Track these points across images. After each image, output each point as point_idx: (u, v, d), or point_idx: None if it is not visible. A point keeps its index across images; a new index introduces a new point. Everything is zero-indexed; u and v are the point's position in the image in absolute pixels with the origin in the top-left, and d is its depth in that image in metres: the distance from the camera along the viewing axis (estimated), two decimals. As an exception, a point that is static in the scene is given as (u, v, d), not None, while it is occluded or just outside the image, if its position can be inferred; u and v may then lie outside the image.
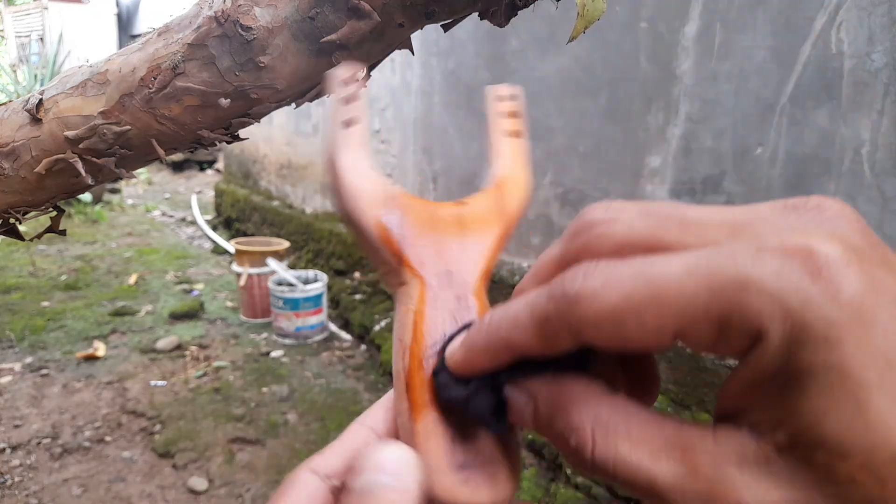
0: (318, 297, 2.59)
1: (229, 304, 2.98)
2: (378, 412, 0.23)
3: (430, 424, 0.20)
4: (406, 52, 0.39)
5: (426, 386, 0.20)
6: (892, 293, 0.14)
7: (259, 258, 2.80)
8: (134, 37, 7.94)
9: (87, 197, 4.61)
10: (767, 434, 0.15)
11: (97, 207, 4.79)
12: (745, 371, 0.15)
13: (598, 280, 0.16)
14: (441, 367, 0.20)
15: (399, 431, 0.21)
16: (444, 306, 0.22)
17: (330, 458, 0.21)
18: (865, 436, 0.13)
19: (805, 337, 0.14)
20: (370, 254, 0.23)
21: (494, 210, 0.25)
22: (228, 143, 0.40)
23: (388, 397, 0.23)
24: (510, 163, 0.26)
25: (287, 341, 2.56)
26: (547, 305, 0.17)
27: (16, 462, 1.73)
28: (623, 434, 0.16)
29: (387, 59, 0.40)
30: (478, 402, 0.19)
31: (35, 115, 0.38)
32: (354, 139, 0.24)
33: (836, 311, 0.13)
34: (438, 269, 0.22)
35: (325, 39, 0.34)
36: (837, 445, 0.14)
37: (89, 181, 0.39)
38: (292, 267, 3.08)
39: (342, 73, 0.24)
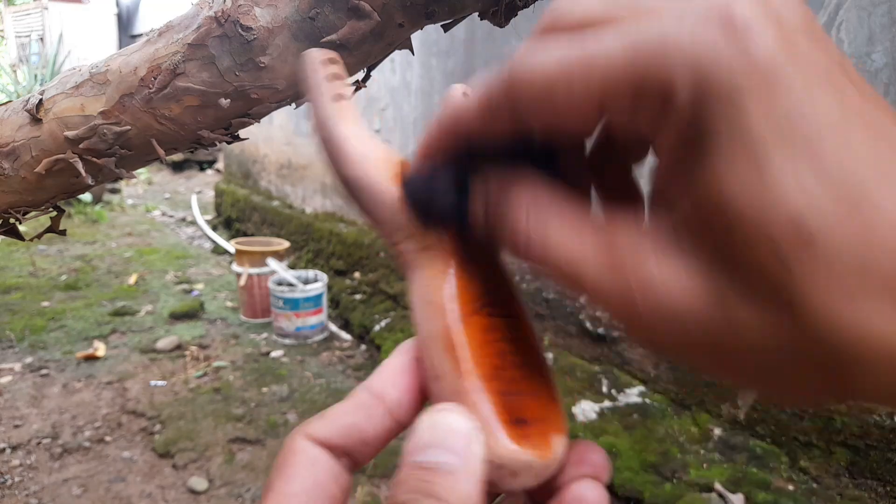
0: (318, 297, 2.59)
1: (229, 304, 2.98)
2: (386, 376, 0.21)
3: (479, 381, 0.19)
4: (406, 52, 0.39)
5: (469, 343, 0.20)
6: (808, 60, 0.13)
7: (259, 258, 2.80)
8: (134, 37, 7.94)
9: (87, 197, 4.61)
10: (675, 207, 0.15)
11: (97, 207, 4.79)
12: (661, 139, 0.15)
13: (539, 54, 0.16)
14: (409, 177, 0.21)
15: (436, 396, 0.20)
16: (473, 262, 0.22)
17: (329, 425, 0.20)
18: (762, 197, 0.13)
19: (711, 95, 0.13)
20: (382, 221, 0.22)
21: None
22: (228, 143, 0.40)
23: (398, 362, 0.21)
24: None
25: (287, 341, 2.56)
26: (492, 81, 0.17)
27: (16, 462, 1.73)
28: (555, 213, 0.17)
29: (387, 59, 0.40)
30: (441, 187, 0.20)
31: (35, 115, 0.38)
32: (349, 111, 0.23)
33: (743, 70, 0.13)
34: None
35: (325, 39, 0.34)
36: (734, 208, 0.13)
37: (89, 181, 0.39)
38: (292, 267, 3.08)
39: (320, 54, 0.24)
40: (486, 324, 0.21)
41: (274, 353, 2.45)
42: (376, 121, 2.83)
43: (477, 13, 0.36)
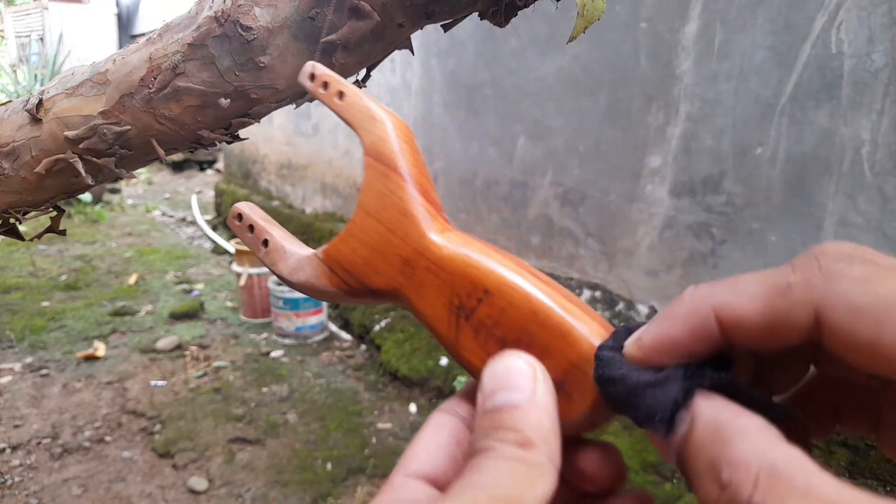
0: (318, 297, 2.58)
1: (229, 304, 2.98)
2: (460, 405, 0.22)
3: None
4: (406, 52, 0.39)
5: None
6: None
7: (259, 258, 2.79)
8: (134, 37, 7.93)
9: (87, 197, 4.61)
10: None
11: (97, 207, 4.79)
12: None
13: (866, 268, 0.15)
14: (609, 346, 0.19)
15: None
16: None
17: (423, 457, 0.20)
18: None
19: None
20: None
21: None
22: (228, 143, 0.40)
23: (465, 391, 0.22)
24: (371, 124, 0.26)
25: (287, 341, 2.56)
26: (791, 275, 0.16)
27: (16, 462, 1.73)
28: (800, 489, 0.14)
29: (387, 59, 0.40)
30: (661, 393, 0.17)
31: (35, 115, 0.37)
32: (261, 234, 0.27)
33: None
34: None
35: (325, 39, 0.34)
36: None
37: (89, 181, 0.39)
38: (292, 267, 3.08)
39: (243, 207, 0.28)
40: None
41: (274, 353, 2.45)
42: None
43: (477, 13, 0.36)
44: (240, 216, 0.27)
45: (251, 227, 0.27)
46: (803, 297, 0.15)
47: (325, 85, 0.25)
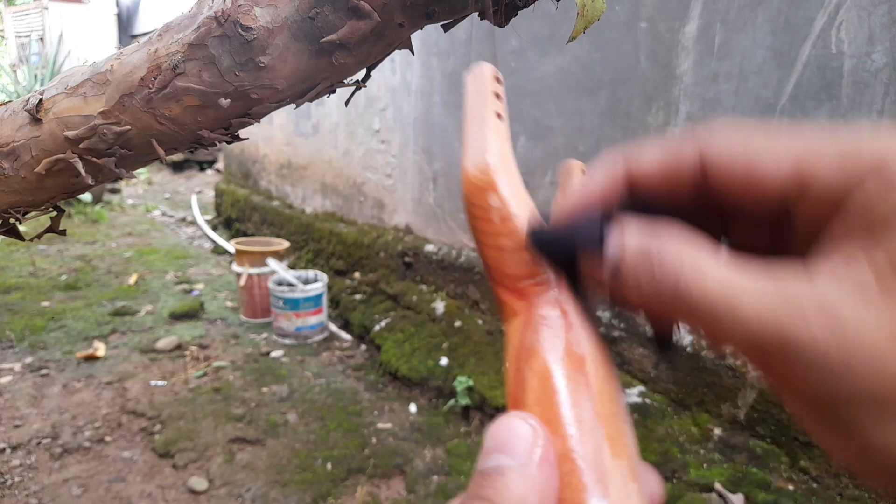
0: (318, 297, 2.59)
1: (229, 304, 2.98)
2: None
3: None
4: (406, 52, 0.39)
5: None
6: None
7: (259, 258, 2.80)
8: (134, 37, 7.94)
9: (87, 197, 4.61)
10: (865, 261, 0.15)
11: (97, 207, 4.79)
12: (856, 201, 0.16)
13: (738, 125, 0.18)
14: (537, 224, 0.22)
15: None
16: None
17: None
18: None
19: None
20: (507, 251, 0.22)
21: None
22: (228, 143, 0.40)
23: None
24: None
25: (287, 341, 2.56)
26: (682, 134, 0.19)
27: (16, 462, 1.73)
28: (712, 251, 0.17)
29: (387, 59, 0.40)
30: (585, 230, 0.20)
31: (35, 115, 0.38)
32: (504, 131, 0.24)
33: None
34: None
35: (325, 39, 0.34)
36: None
37: (89, 181, 0.39)
38: (292, 267, 3.08)
39: (492, 70, 0.25)
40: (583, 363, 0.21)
41: (274, 353, 2.45)
42: (376, 121, 2.83)
43: (477, 13, 0.36)
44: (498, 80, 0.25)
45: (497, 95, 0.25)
46: (691, 148, 0.19)
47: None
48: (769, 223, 0.21)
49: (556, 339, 0.20)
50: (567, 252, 0.21)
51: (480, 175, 0.22)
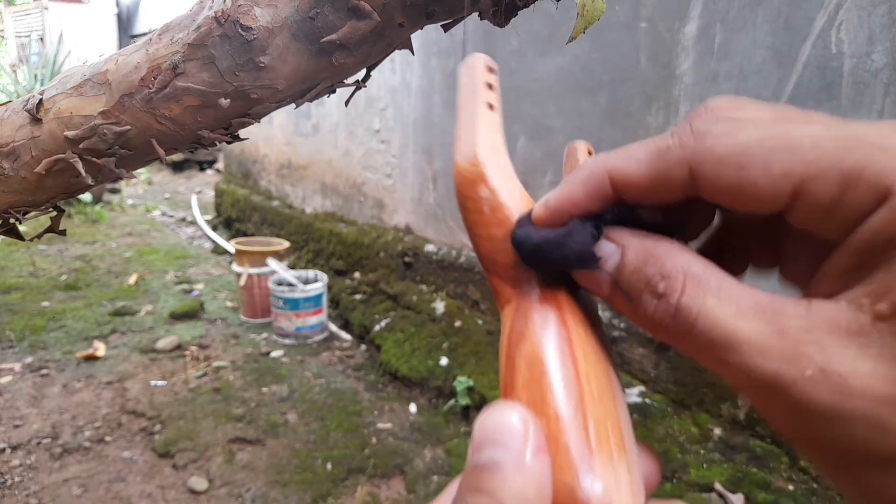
0: (318, 297, 2.59)
1: (229, 304, 2.98)
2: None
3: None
4: (406, 52, 0.39)
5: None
6: None
7: (259, 258, 2.80)
8: (134, 37, 7.94)
9: (87, 197, 4.61)
10: (867, 306, 0.15)
11: (97, 207, 4.79)
12: (861, 235, 0.15)
13: (729, 124, 0.17)
14: (524, 222, 0.21)
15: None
16: None
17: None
18: None
19: None
20: (503, 241, 0.22)
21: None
22: (228, 143, 0.40)
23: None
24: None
25: (287, 341, 2.56)
26: (669, 139, 0.18)
27: (16, 462, 1.73)
28: (713, 289, 0.17)
29: (387, 59, 0.40)
30: (575, 239, 0.20)
31: (35, 115, 0.38)
32: (496, 122, 0.24)
33: None
34: None
35: (325, 39, 0.34)
36: None
37: (89, 181, 0.39)
38: (292, 267, 3.08)
39: (484, 60, 0.25)
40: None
41: (274, 353, 2.45)
42: (376, 121, 2.83)
43: (477, 13, 0.36)
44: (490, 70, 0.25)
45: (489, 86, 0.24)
46: (679, 157, 0.18)
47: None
48: (762, 221, 0.20)
49: (545, 323, 0.21)
50: (555, 262, 0.20)
51: (470, 167, 0.23)
